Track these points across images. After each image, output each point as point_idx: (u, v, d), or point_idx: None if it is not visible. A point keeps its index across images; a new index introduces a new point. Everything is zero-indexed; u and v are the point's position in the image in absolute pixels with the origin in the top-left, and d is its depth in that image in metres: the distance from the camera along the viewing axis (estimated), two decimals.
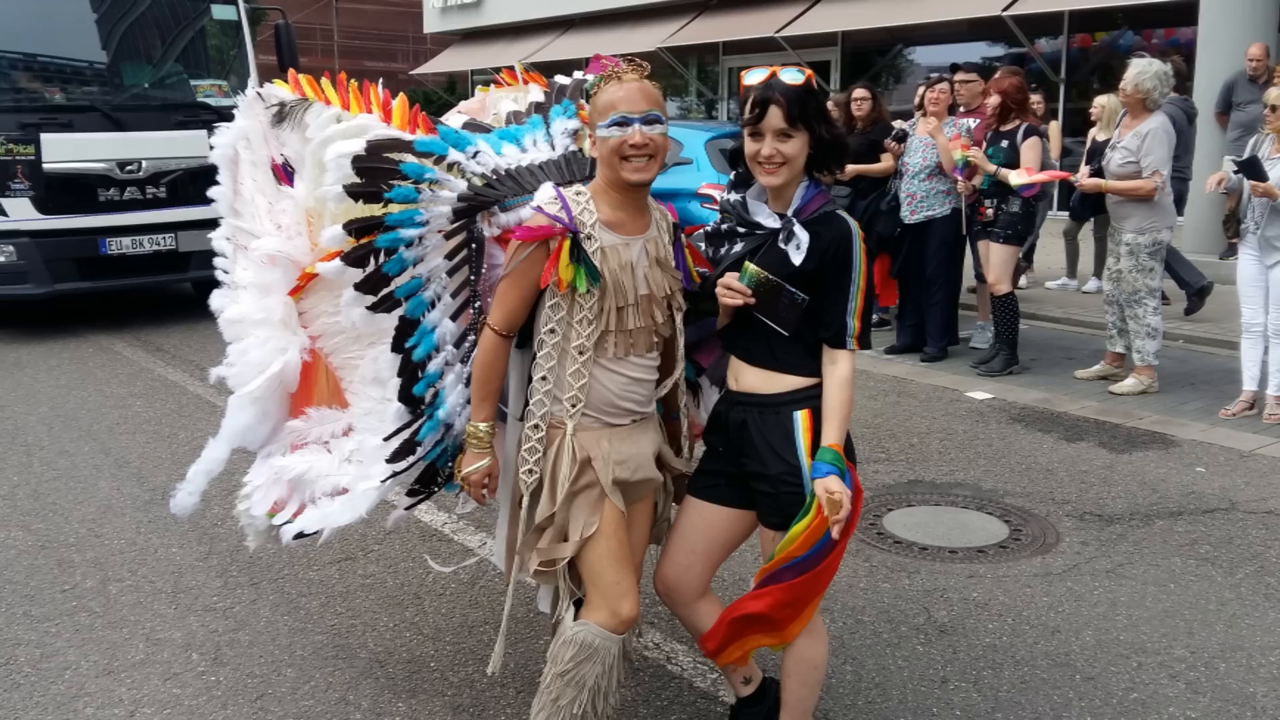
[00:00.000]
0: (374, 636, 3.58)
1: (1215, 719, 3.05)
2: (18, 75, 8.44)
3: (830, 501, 2.35)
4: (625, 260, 2.43)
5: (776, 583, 2.45)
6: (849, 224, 2.46)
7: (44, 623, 3.68)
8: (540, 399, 2.47)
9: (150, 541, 4.38)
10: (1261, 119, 5.89)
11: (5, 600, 3.85)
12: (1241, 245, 5.93)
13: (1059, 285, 9.70)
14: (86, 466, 5.32)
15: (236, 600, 3.85)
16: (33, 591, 3.93)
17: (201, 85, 9.15)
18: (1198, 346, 7.61)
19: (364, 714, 3.10)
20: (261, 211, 3.11)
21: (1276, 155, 5.61)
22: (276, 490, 2.92)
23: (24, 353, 7.92)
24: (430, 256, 2.58)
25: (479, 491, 2.54)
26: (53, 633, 3.61)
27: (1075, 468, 5.19)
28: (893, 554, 4.21)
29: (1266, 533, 4.38)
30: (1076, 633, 3.55)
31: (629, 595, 2.48)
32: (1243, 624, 3.61)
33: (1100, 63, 13.60)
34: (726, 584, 3.70)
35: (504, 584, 2.69)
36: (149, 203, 8.55)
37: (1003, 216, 6.79)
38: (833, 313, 2.44)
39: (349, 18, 29.04)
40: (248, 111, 3.17)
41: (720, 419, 2.62)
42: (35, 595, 3.90)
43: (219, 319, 3.15)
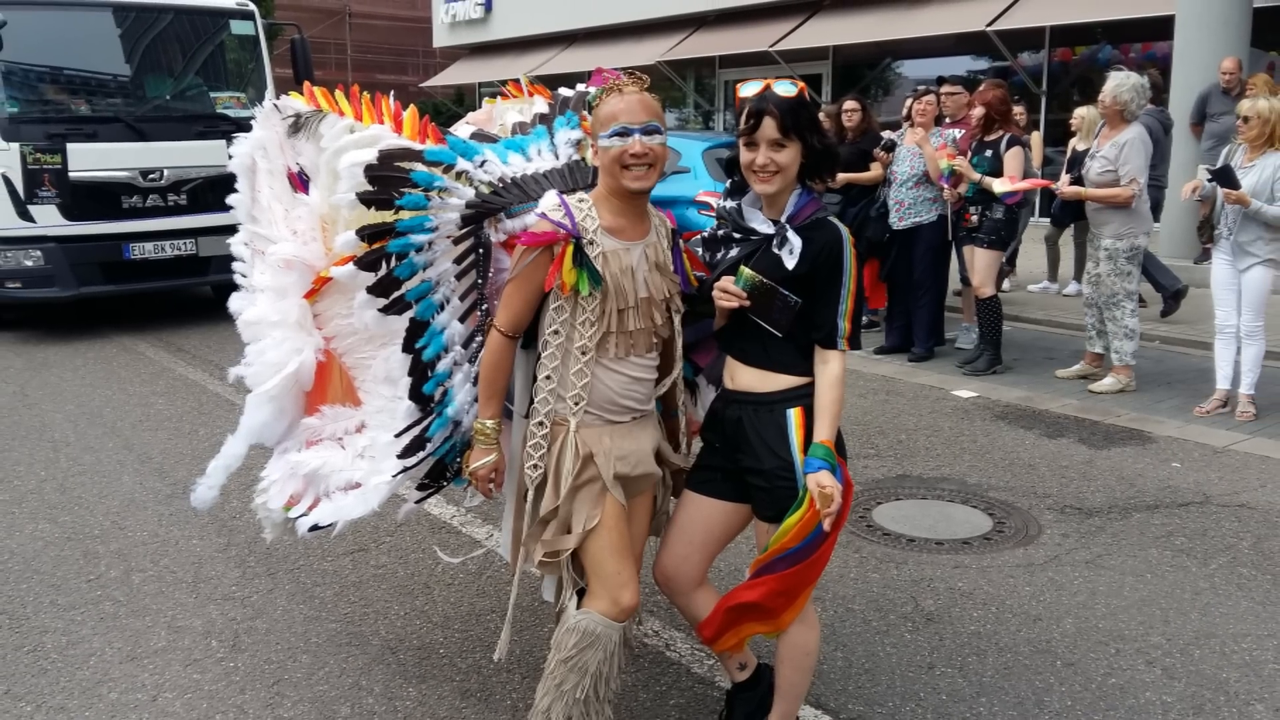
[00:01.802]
0: (386, 624, 3.58)
1: (1190, 703, 3.05)
2: (45, 88, 8.44)
3: (822, 495, 2.35)
4: (626, 264, 2.43)
5: (770, 573, 2.45)
6: (840, 230, 2.46)
7: (70, 611, 3.68)
8: (545, 397, 2.47)
9: (171, 533, 4.38)
10: (1234, 129, 5.90)
11: (33, 589, 3.85)
12: (1215, 250, 5.93)
13: (1040, 288, 9.70)
14: (111, 462, 5.32)
15: (254, 590, 3.84)
16: (59, 581, 3.93)
17: (221, 97, 9.15)
18: (1173, 347, 7.61)
19: (376, 698, 3.10)
20: (278, 218, 3.11)
21: (1248, 164, 5.60)
22: (292, 484, 2.92)
23: (51, 353, 7.92)
24: (439, 261, 2.58)
25: (486, 486, 2.54)
26: (78, 620, 3.61)
27: (1056, 463, 5.19)
28: (881, 545, 4.20)
29: (1239, 525, 4.38)
30: (1057, 621, 3.55)
31: (629, 585, 2.48)
32: (1216, 612, 3.61)
33: (1080, 76, 13.59)
34: (723, 574, 3.70)
35: (510, 574, 2.69)
36: (170, 209, 8.54)
37: (987, 223, 6.79)
38: (824, 314, 2.44)
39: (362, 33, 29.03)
40: (265, 122, 3.16)
41: (717, 416, 2.62)
42: (62, 585, 3.90)
43: (237, 321, 3.15)
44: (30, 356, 7.80)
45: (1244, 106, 5.68)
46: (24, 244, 8.09)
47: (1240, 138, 5.72)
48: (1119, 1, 12.04)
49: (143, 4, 8.78)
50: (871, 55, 15.76)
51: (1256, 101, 5.63)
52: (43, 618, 3.63)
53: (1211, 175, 5.70)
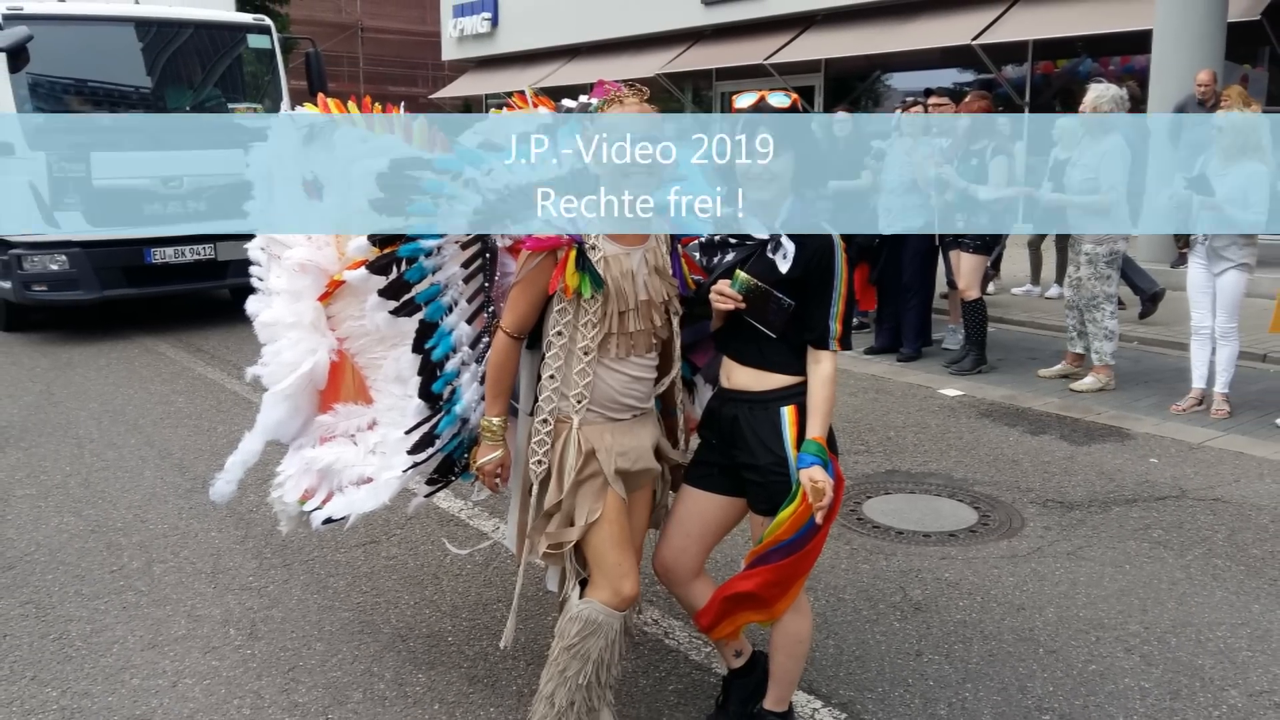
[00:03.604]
0: (396, 613, 3.57)
1: (1167, 689, 3.05)
2: (71, 99, 8.43)
3: (814, 489, 2.35)
4: (626, 268, 2.43)
5: (765, 564, 2.45)
6: (831, 235, 2.46)
7: (94, 600, 3.68)
8: (549, 396, 2.47)
9: (191, 526, 4.37)
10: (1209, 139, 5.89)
11: (59, 580, 3.85)
12: (1191, 255, 5.93)
13: (1023, 291, 9.69)
14: (133, 458, 5.31)
15: (270, 580, 3.84)
16: (83, 572, 3.92)
17: (238, 108, 9.14)
18: (1151, 347, 7.61)
19: (387, 685, 3.10)
20: None
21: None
22: (307, 479, 2.92)
23: (75, 353, 7.91)
24: (448, 265, 2.58)
25: (492, 480, 2.54)
26: (102, 610, 3.60)
27: (1039, 458, 5.19)
28: (871, 538, 4.20)
29: (1214, 518, 4.37)
30: (1040, 610, 3.55)
31: (630, 575, 2.48)
32: (1192, 602, 3.60)
33: (1061, 87, 13.57)
34: (719, 565, 3.70)
35: (515, 565, 2.69)
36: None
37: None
38: (816, 316, 2.44)
39: (373, 46, 29.00)
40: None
41: (714, 414, 2.61)
42: (86, 575, 3.89)
43: (254, 322, 3.15)
44: (56, 357, 7.79)
45: (1218, 117, 5.67)
46: (50, 249, 8.09)
47: (1215, 147, 5.71)
48: (1099, 17, 12.03)
49: (164, 19, 8.78)
50: (862, 68, 15.75)
51: (1230, 112, 5.63)
52: (68, 607, 3.63)
53: (1188, 183, 5.69)
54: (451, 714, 2.94)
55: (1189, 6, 9.56)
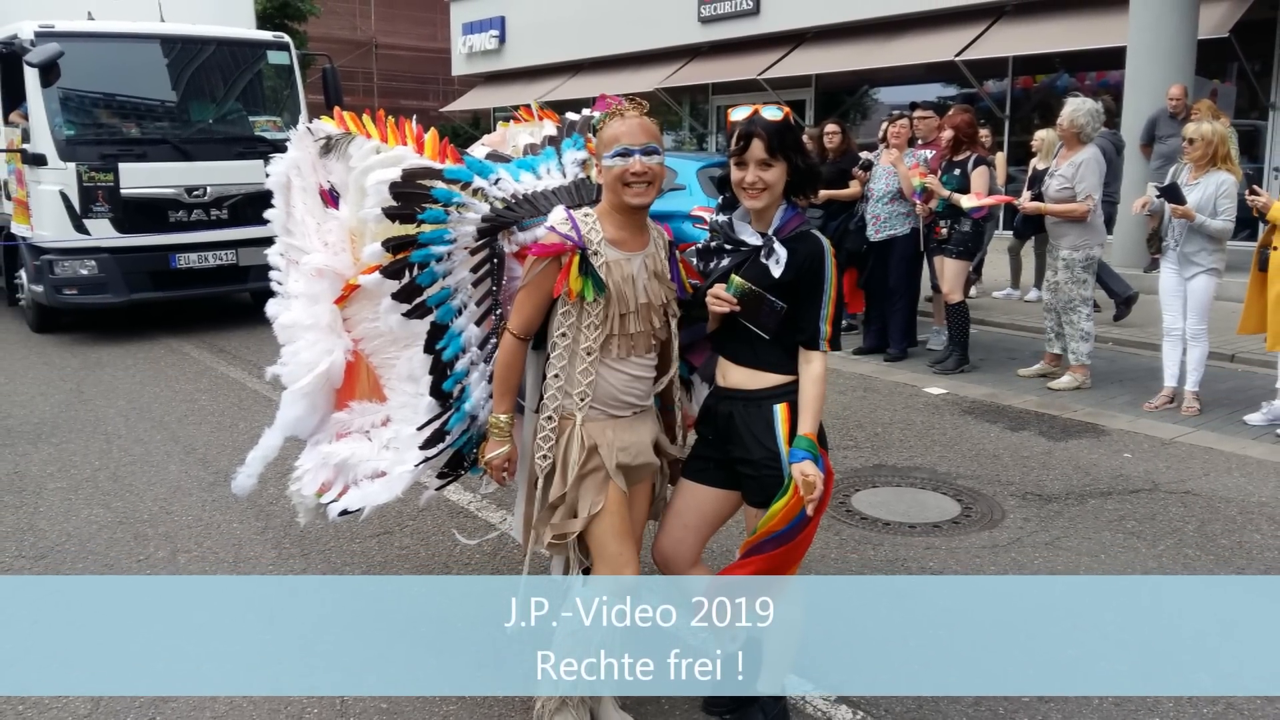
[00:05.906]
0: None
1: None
2: (99, 113, 8.42)
3: (805, 483, 2.35)
4: (627, 273, 2.43)
5: (759, 554, 2.45)
6: (822, 242, 2.46)
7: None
8: (553, 394, 2.47)
9: (214, 518, 4.37)
10: (1180, 150, 5.88)
11: (88, 569, 3.85)
12: (1163, 260, 5.93)
13: (1004, 295, 9.69)
14: (159, 453, 5.31)
15: (289, 569, 3.84)
16: (112, 561, 3.92)
17: (258, 121, 9.12)
18: (1125, 348, 7.61)
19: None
20: (311, 231, 3.11)
21: (1193, 182, 5.60)
22: (324, 473, 2.92)
23: (104, 353, 7.91)
24: (457, 270, 2.58)
25: (500, 474, 2.54)
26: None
27: (1018, 453, 5.18)
28: (860, 529, 4.20)
29: (1184, 510, 4.37)
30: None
31: (630, 565, 2.48)
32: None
33: (1040, 101, 13.57)
34: (715, 555, 3.69)
35: (521, 555, 2.69)
36: (213, 223, 8.53)
37: (955, 235, 6.78)
38: (808, 318, 2.44)
39: (387, 62, 28.99)
40: (299, 144, 3.16)
41: (710, 411, 2.61)
42: (114, 564, 3.89)
43: (274, 324, 3.15)
44: (85, 357, 7.79)
45: (1189, 130, 5.67)
46: (80, 254, 8.08)
47: (1185, 158, 5.71)
48: (1076, 34, 12.04)
49: (188, 36, 8.77)
50: (850, 83, 15.75)
51: (1200, 125, 5.63)
52: (96, 595, 3.62)
53: (1160, 192, 5.70)
54: (461, 696, 2.94)
55: (1161, 24, 9.57)
